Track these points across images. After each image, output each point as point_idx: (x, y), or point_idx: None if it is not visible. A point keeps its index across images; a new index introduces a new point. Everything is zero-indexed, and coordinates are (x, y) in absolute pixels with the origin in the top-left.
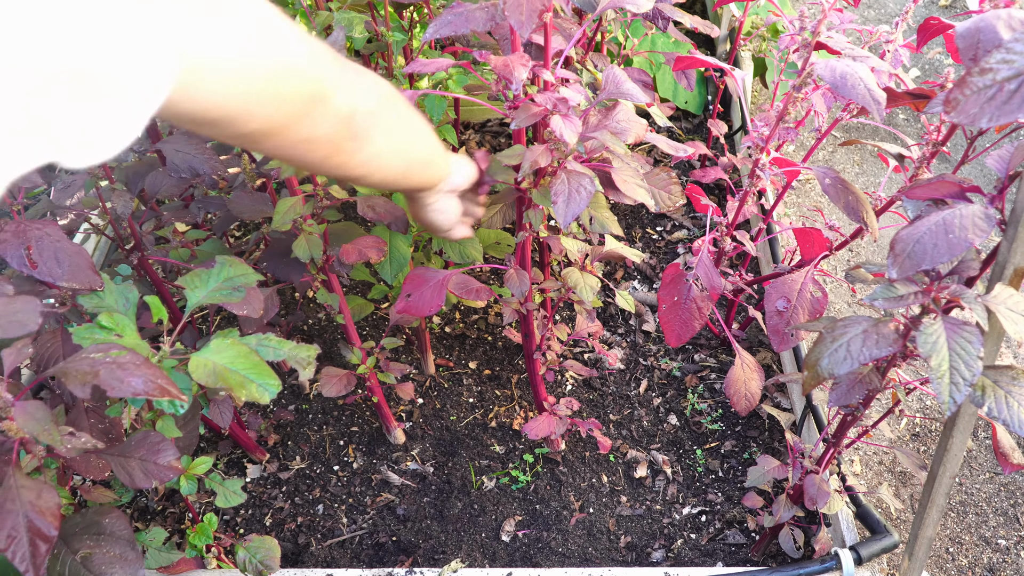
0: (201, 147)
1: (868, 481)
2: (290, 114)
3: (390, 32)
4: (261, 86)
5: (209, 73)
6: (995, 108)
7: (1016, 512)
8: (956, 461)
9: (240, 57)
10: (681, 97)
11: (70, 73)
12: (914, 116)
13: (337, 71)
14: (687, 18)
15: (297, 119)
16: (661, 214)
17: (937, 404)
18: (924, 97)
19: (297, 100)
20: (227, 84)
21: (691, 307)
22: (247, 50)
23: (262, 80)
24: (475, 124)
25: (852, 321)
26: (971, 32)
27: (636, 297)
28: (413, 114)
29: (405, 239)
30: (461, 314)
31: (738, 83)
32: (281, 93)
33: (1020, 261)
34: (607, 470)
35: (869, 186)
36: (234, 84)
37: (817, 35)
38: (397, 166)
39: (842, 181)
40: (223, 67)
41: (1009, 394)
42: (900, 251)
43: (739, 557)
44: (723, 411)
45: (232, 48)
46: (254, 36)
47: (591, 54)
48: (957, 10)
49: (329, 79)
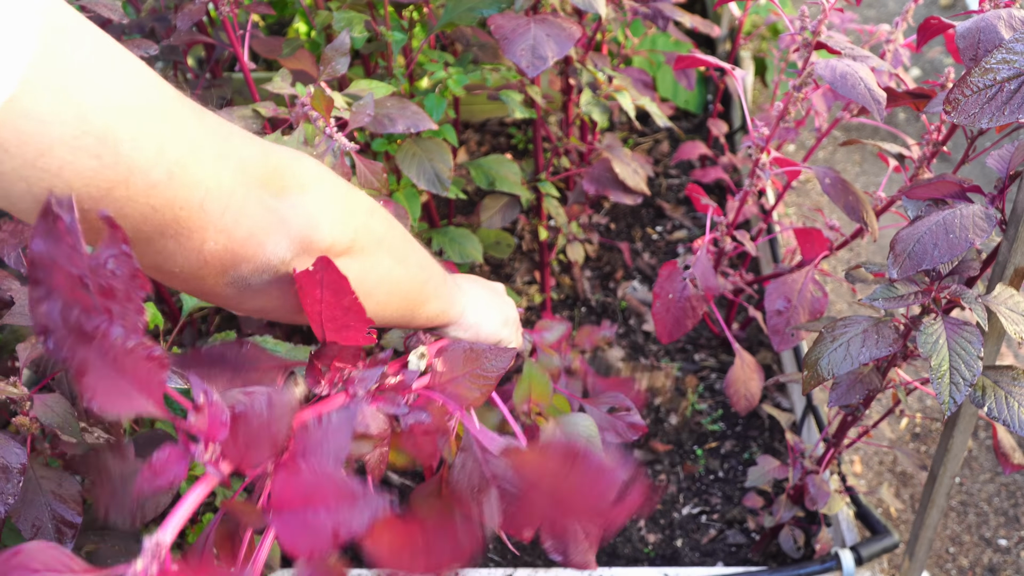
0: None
1: (868, 481)
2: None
3: (390, 32)
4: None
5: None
6: (995, 108)
7: (1016, 512)
8: (956, 461)
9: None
10: (681, 97)
11: None
12: (914, 116)
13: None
14: (687, 18)
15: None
16: (661, 214)
17: (937, 404)
18: (924, 97)
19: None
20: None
21: (685, 305)
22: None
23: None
24: (475, 124)
25: (852, 321)
26: (971, 32)
27: (636, 297)
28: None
29: None
30: None
31: (738, 83)
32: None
33: (1020, 261)
34: None
35: (869, 186)
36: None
37: (817, 35)
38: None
39: (842, 181)
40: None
41: (1009, 394)
42: (900, 251)
43: (739, 557)
44: (723, 411)
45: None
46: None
47: (591, 54)
48: (958, 10)
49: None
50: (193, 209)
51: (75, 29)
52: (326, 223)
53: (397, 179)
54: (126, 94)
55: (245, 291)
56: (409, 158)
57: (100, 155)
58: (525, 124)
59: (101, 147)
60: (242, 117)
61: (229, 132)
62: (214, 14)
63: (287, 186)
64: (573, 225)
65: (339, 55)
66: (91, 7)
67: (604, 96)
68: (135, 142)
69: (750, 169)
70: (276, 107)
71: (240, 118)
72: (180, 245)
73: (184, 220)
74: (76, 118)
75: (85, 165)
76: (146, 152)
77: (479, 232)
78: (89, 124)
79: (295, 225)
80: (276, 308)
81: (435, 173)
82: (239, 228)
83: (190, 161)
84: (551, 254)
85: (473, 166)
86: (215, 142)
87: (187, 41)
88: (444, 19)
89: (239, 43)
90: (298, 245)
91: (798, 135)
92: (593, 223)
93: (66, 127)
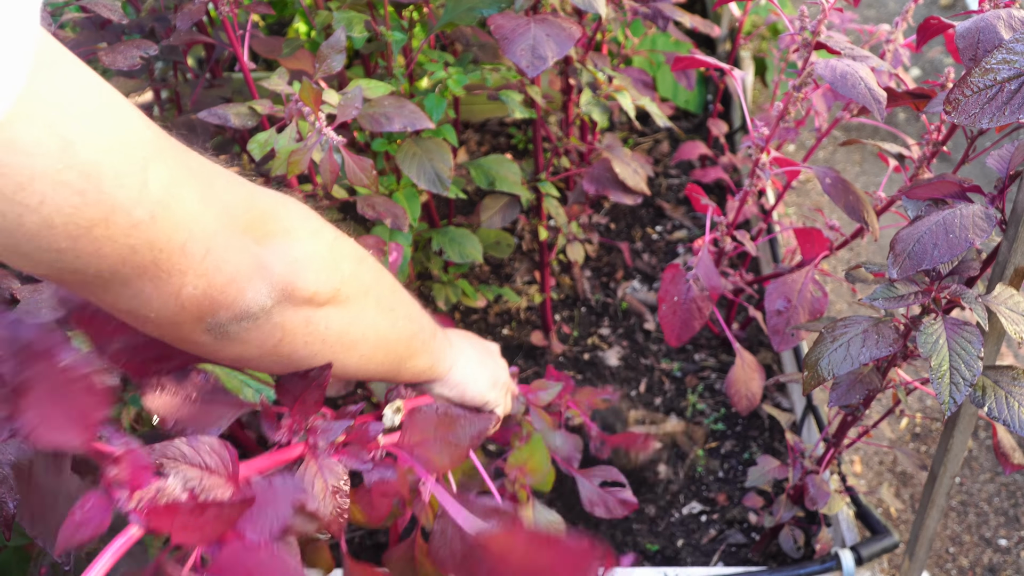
0: (200, 147)
1: (868, 481)
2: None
3: (390, 32)
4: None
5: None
6: (996, 108)
7: (1016, 512)
8: (957, 461)
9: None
10: (681, 97)
11: None
12: (914, 116)
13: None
14: (687, 18)
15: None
16: (661, 214)
17: (937, 404)
18: (924, 97)
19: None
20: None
21: (691, 307)
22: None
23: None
24: (475, 124)
25: (852, 321)
26: (971, 32)
27: (636, 297)
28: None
29: (405, 238)
30: (461, 314)
31: (738, 83)
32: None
33: (1020, 261)
34: None
35: (869, 186)
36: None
37: (817, 35)
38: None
39: (843, 181)
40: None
41: (1010, 394)
42: (900, 251)
43: (739, 557)
44: (723, 411)
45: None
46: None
47: (591, 54)
48: (958, 10)
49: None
50: (174, 252)
51: (64, 65)
52: (311, 271)
53: (397, 179)
54: (112, 131)
55: (222, 339)
56: (409, 158)
57: (83, 191)
58: (525, 124)
59: (84, 183)
60: (238, 114)
61: (214, 174)
62: (214, 14)
63: (271, 232)
64: (573, 225)
65: (335, 52)
66: (91, 7)
67: (604, 96)
68: (119, 180)
69: (750, 169)
70: (273, 105)
71: (236, 115)
72: (158, 289)
73: (164, 263)
74: (60, 151)
75: (66, 201)
76: (129, 191)
77: (479, 232)
78: (73, 158)
79: (277, 272)
80: (255, 358)
81: (435, 173)
82: (220, 273)
83: (174, 202)
84: (551, 254)
85: (473, 166)
86: (199, 184)
87: (187, 41)
88: (444, 19)
89: (239, 43)
90: (279, 292)
91: (798, 135)
92: (593, 223)
93: (50, 160)
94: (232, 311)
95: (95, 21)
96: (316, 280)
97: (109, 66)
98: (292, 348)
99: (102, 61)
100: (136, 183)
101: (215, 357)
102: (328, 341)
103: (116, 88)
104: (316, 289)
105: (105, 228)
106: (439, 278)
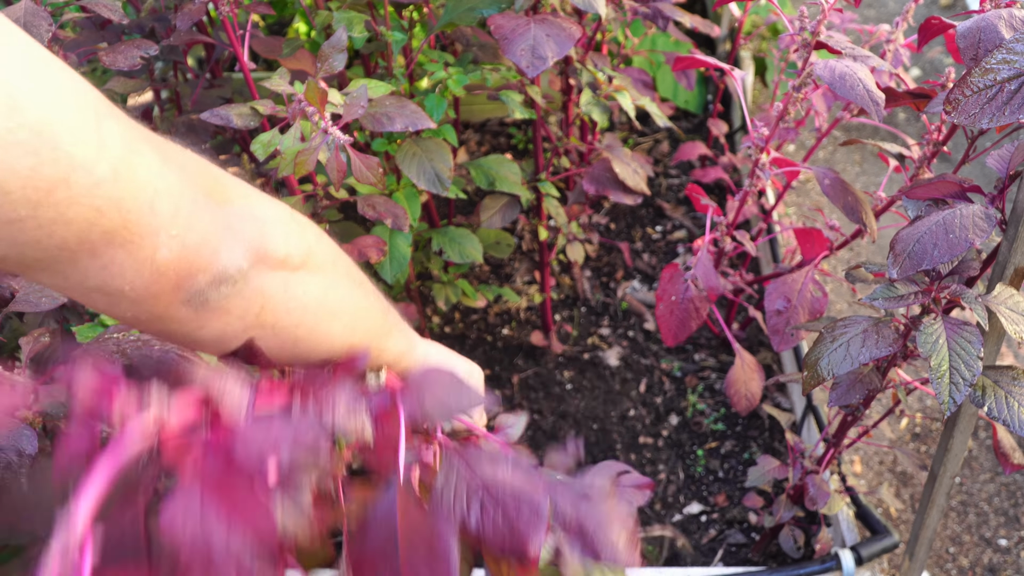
0: (201, 147)
1: (868, 481)
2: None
3: (390, 32)
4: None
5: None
6: (996, 108)
7: (1016, 512)
8: (956, 461)
9: None
10: (681, 97)
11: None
12: (915, 116)
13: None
14: (687, 18)
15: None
16: (661, 214)
17: (937, 404)
18: (925, 97)
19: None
20: None
21: (688, 307)
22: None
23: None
24: (475, 124)
25: (852, 321)
26: (972, 32)
27: (636, 297)
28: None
29: (405, 238)
30: (461, 314)
31: (738, 83)
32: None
33: (1020, 261)
34: None
35: (869, 186)
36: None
37: (817, 35)
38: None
39: (841, 181)
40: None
41: (1009, 394)
42: (900, 251)
43: (739, 557)
44: (723, 411)
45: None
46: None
47: (591, 54)
48: (958, 10)
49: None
50: (143, 211)
51: (5, 28)
52: (279, 232)
53: (397, 179)
54: (60, 88)
55: (203, 311)
56: (409, 158)
57: (37, 150)
58: (525, 124)
59: (38, 140)
60: (240, 115)
61: (163, 140)
62: (214, 14)
63: (231, 196)
64: (573, 225)
65: (336, 52)
66: (91, 7)
67: (604, 96)
68: (74, 135)
69: (750, 169)
70: (274, 105)
71: (238, 115)
72: (131, 255)
73: (134, 224)
74: (8, 110)
75: (21, 164)
76: (87, 147)
77: (479, 232)
78: (23, 117)
79: (247, 233)
80: (237, 334)
81: (435, 173)
82: (192, 232)
83: (135, 158)
84: (551, 254)
85: (473, 166)
86: (154, 145)
87: (187, 41)
88: (444, 19)
89: (239, 43)
90: (253, 254)
91: (798, 135)
92: (593, 223)
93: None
94: (210, 274)
95: (95, 21)
96: (287, 241)
97: (109, 66)
98: (275, 317)
99: (102, 61)
100: (93, 139)
101: (197, 337)
102: (310, 308)
103: (116, 88)
104: (287, 251)
105: (67, 189)
106: (439, 278)
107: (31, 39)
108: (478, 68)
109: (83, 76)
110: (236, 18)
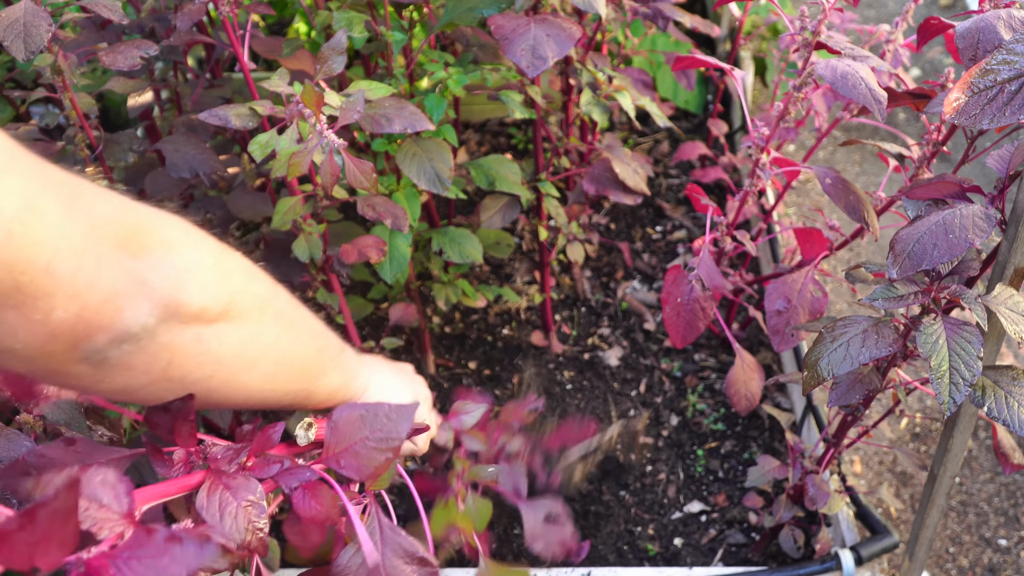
0: (201, 147)
1: (868, 481)
2: None
3: (390, 32)
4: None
5: None
6: (996, 109)
7: (1016, 512)
8: (956, 461)
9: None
10: (681, 97)
11: None
12: (914, 116)
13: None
14: (687, 18)
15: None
16: (661, 214)
17: (937, 404)
18: (924, 97)
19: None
20: None
21: (694, 307)
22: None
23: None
24: (475, 124)
25: (852, 321)
26: (971, 32)
27: (636, 297)
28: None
29: (405, 238)
30: (461, 314)
31: (738, 83)
32: None
33: (1020, 261)
34: None
35: (869, 186)
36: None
37: (817, 35)
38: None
39: (843, 181)
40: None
41: (1009, 394)
42: (900, 251)
43: (739, 557)
44: (723, 411)
45: None
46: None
47: (591, 54)
48: (958, 10)
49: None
50: (37, 272)
51: None
52: (196, 285)
53: (397, 179)
54: None
55: (102, 368)
56: (409, 158)
57: None
58: (525, 124)
59: None
60: (238, 115)
61: (78, 187)
62: (214, 14)
63: (148, 244)
64: (573, 225)
65: (336, 54)
66: (91, 7)
67: (604, 96)
68: None
69: (750, 169)
70: (273, 106)
71: (237, 116)
72: (23, 316)
73: (27, 286)
74: None
75: None
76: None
77: (479, 232)
78: None
79: (159, 288)
80: (143, 386)
81: (435, 173)
82: (94, 292)
83: (32, 218)
84: (551, 254)
85: (473, 166)
86: (61, 197)
87: (187, 41)
88: (444, 19)
89: (239, 43)
90: (163, 310)
91: (798, 135)
92: (593, 223)
93: None
94: (110, 333)
95: (95, 21)
96: (203, 294)
97: (109, 66)
98: (184, 371)
99: (102, 61)
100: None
101: (97, 390)
102: (224, 361)
103: (116, 88)
104: (204, 304)
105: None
106: (439, 278)
107: None
108: (478, 68)
109: (83, 76)
110: (236, 18)
